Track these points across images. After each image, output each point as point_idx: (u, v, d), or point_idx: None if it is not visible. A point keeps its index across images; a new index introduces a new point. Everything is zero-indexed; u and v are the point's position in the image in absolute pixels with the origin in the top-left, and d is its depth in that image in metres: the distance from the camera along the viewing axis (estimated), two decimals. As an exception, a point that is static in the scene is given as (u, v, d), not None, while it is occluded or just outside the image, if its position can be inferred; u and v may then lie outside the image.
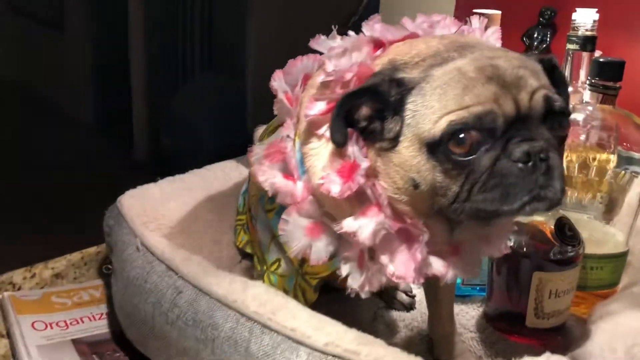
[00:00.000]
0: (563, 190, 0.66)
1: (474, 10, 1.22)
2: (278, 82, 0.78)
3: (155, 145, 1.68)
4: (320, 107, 0.70)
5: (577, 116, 1.09)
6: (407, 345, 1.00)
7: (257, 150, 0.80)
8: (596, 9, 1.20)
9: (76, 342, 0.97)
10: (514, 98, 0.64)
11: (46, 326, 1.00)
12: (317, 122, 0.73)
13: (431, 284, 0.98)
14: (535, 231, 1.00)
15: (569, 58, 1.22)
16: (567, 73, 1.23)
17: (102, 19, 1.39)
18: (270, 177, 0.74)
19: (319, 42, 0.76)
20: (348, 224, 0.69)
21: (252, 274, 0.94)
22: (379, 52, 0.75)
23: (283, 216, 0.74)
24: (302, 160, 0.75)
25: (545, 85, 0.67)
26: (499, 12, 1.21)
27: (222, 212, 1.13)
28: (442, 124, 0.64)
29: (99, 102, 1.52)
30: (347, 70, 0.69)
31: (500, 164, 0.64)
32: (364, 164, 0.68)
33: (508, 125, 0.64)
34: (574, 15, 1.20)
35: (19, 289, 1.12)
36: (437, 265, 0.73)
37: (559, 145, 0.68)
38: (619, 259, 1.10)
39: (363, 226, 0.69)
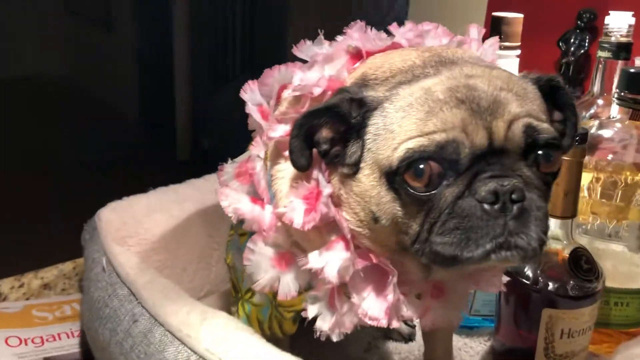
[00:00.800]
0: (541, 238, 0.55)
1: (493, 14, 1.11)
2: (250, 94, 0.70)
3: (197, 145, 1.71)
4: (284, 128, 0.63)
5: (605, 133, 0.98)
6: (400, 382, 0.91)
7: (228, 169, 0.72)
8: (632, 13, 1.07)
9: (48, 361, 0.93)
10: (487, 126, 0.54)
11: (20, 342, 0.96)
12: (285, 142, 0.64)
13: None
14: (548, 261, 0.90)
15: (600, 66, 1.09)
16: (598, 83, 1.11)
17: (148, 20, 1.39)
18: (233, 202, 0.66)
19: (302, 49, 0.68)
20: (313, 259, 0.61)
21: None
22: (358, 64, 0.66)
23: (248, 244, 0.66)
24: (271, 183, 0.67)
25: (532, 112, 0.56)
26: (521, 15, 1.10)
27: (213, 226, 1.06)
28: (400, 152, 0.54)
29: (143, 101, 1.57)
30: (314, 84, 0.61)
31: (463, 202, 0.54)
32: (326, 190, 0.60)
33: (477, 157, 0.54)
34: (607, 19, 1.08)
35: (5, 299, 1.09)
36: (414, 308, 0.64)
37: (546, 183, 0.58)
38: (647, 295, 0.98)
39: (330, 262, 0.60)
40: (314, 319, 0.64)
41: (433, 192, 0.54)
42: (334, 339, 0.64)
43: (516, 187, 0.53)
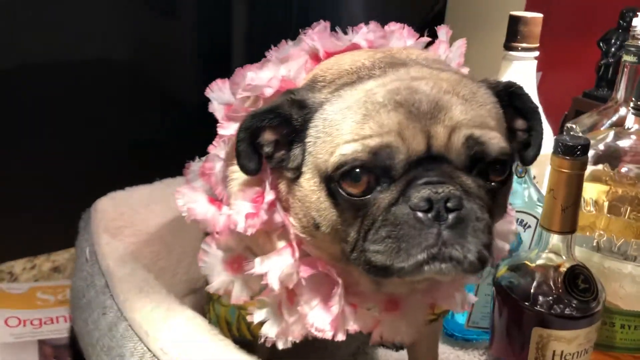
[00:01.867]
0: (480, 252, 0.51)
1: (511, 13, 1.06)
2: (217, 92, 0.69)
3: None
4: (235, 127, 0.61)
5: (621, 143, 0.92)
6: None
7: (194, 167, 0.72)
8: (663, 14, 1.00)
9: (43, 343, 0.96)
10: (426, 131, 0.51)
11: (19, 322, 0.99)
12: None
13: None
14: (543, 276, 0.85)
15: (626, 71, 1.02)
16: (622, 90, 1.03)
17: (210, 7, 1.42)
18: (189, 202, 0.65)
19: (280, 50, 0.66)
20: (257, 264, 0.60)
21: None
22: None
23: (202, 245, 0.66)
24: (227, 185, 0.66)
25: (477, 118, 0.53)
26: (540, 15, 1.04)
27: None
28: (335, 157, 0.52)
29: (203, 87, 1.60)
30: (265, 85, 0.60)
31: (396, 209, 0.51)
32: (268, 196, 0.58)
33: (413, 163, 0.51)
34: (635, 21, 1.01)
35: (15, 279, 1.13)
36: (363, 321, 0.62)
37: (492, 191, 0.55)
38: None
39: (273, 268, 0.59)
40: None
41: (367, 197, 0.52)
42: (280, 346, 0.63)
43: (452, 195, 0.50)
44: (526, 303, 0.83)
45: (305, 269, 0.59)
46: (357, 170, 0.52)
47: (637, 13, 1.42)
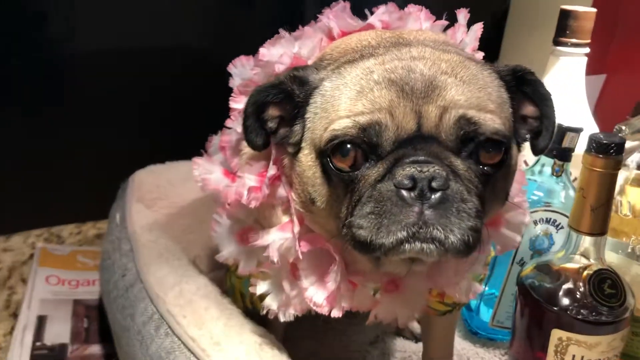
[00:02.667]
0: (465, 234, 0.50)
1: (562, 7, 1.02)
2: (239, 68, 0.70)
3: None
4: (240, 105, 0.63)
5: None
6: (395, 380, 0.89)
7: (215, 140, 0.74)
8: None
9: (77, 303, 1.01)
10: (417, 110, 0.51)
11: (59, 281, 1.05)
12: None
13: (425, 318, 0.85)
14: (569, 278, 0.82)
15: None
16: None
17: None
18: (204, 172, 0.67)
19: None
20: (261, 237, 0.61)
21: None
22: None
23: (214, 216, 0.67)
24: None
25: (474, 100, 0.52)
26: (593, 9, 1.00)
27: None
28: (327, 133, 0.53)
29: None
30: (276, 61, 0.61)
31: (382, 186, 0.51)
32: (270, 171, 0.59)
33: (403, 141, 0.51)
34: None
35: (62, 243, 1.20)
36: (361, 300, 0.62)
37: (485, 176, 0.53)
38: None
39: (273, 241, 0.60)
40: None
41: (356, 173, 0.52)
42: (281, 318, 0.64)
43: (437, 175, 0.50)
44: (547, 303, 0.80)
45: (305, 245, 0.59)
46: (347, 145, 0.52)
47: None
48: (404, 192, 0.50)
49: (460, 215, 0.50)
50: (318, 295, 0.60)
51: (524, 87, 0.57)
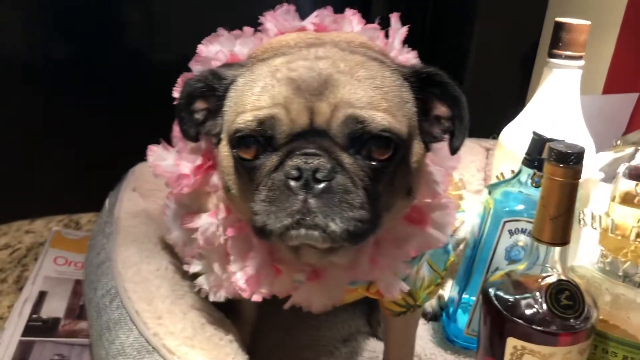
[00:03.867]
0: (348, 223, 0.53)
1: (556, 19, 1.02)
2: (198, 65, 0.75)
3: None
4: None
5: (637, 161, 0.85)
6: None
7: (175, 132, 0.79)
8: None
9: (78, 282, 1.09)
10: (310, 106, 0.54)
11: (65, 262, 1.13)
12: None
13: (385, 319, 0.87)
14: (529, 286, 0.81)
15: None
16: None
17: None
18: (157, 159, 0.72)
19: None
20: (191, 221, 0.66)
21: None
22: None
23: (165, 200, 0.73)
24: None
25: (366, 99, 0.55)
26: (587, 22, 0.99)
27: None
28: (234, 124, 0.57)
29: None
30: (212, 57, 0.65)
31: (275, 175, 0.55)
32: (197, 161, 0.64)
33: (297, 135, 0.55)
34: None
35: (79, 229, 1.29)
36: (280, 286, 0.65)
37: (376, 172, 0.56)
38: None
39: (201, 226, 0.65)
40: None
41: (256, 162, 0.56)
42: (211, 298, 0.68)
43: (322, 167, 0.53)
44: (506, 312, 0.80)
45: (231, 230, 0.64)
46: (249, 137, 0.56)
47: None
48: (291, 182, 0.54)
49: (342, 206, 0.53)
50: (240, 279, 0.64)
51: (433, 88, 0.59)
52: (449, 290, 1.11)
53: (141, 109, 1.36)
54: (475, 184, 1.28)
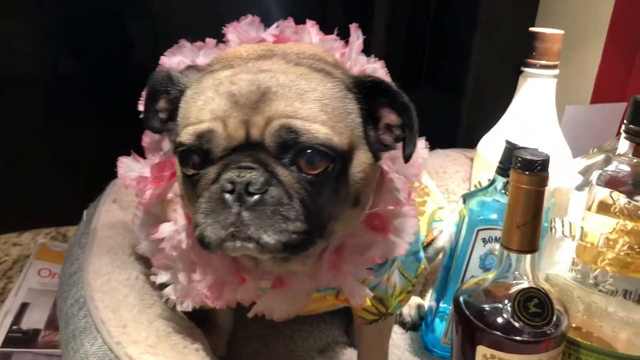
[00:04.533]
0: (281, 235, 0.54)
1: (531, 29, 1.03)
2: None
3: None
4: None
5: (610, 168, 0.85)
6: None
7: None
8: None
9: (60, 294, 1.10)
10: (246, 120, 0.55)
11: (50, 274, 1.14)
12: None
13: (358, 327, 0.87)
14: (498, 294, 0.81)
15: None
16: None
17: None
18: (127, 170, 0.73)
19: None
20: (159, 231, 0.67)
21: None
22: None
23: (135, 210, 0.74)
24: None
25: (301, 112, 0.55)
26: (560, 31, 0.99)
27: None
28: (178, 137, 0.58)
29: None
30: (174, 67, 0.67)
31: (213, 188, 0.55)
32: (156, 159, 0.65)
33: (234, 148, 0.56)
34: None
35: (66, 241, 1.30)
36: (244, 294, 0.66)
37: (314, 185, 0.56)
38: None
39: (167, 234, 0.66)
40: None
41: (197, 175, 0.57)
42: (178, 308, 0.69)
43: (254, 180, 0.54)
44: (476, 320, 0.80)
45: (190, 239, 0.64)
46: (189, 150, 0.57)
47: None
48: (226, 195, 0.55)
49: (276, 218, 0.54)
50: (205, 286, 0.65)
51: (381, 97, 0.60)
52: (429, 299, 1.11)
53: (130, 124, 1.37)
54: (460, 194, 1.29)
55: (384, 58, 0.73)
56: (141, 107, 0.70)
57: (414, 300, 1.09)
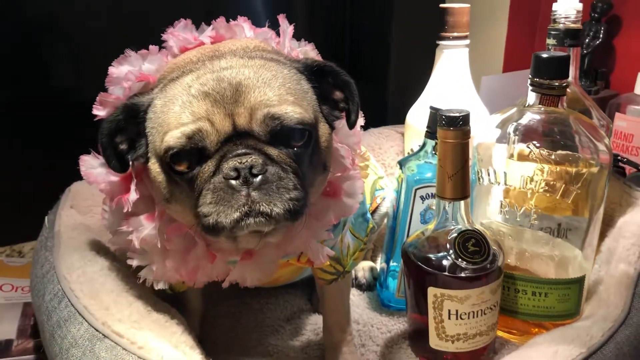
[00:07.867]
0: (288, 204, 0.62)
1: (440, 5, 1.13)
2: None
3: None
4: (102, 113, 0.73)
5: (523, 121, 0.96)
6: (302, 349, 0.98)
7: None
8: (579, -1, 1.04)
9: (27, 305, 1.12)
10: (230, 113, 0.62)
11: (12, 288, 1.16)
12: None
13: (320, 289, 0.95)
14: (441, 239, 0.91)
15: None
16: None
17: None
18: (88, 168, 0.76)
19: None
20: (131, 224, 0.72)
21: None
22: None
23: (103, 205, 0.78)
24: None
25: (274, 97, 0.63)
26: (467, 5, 1.11)
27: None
28: (163, 144, 0.64)
29: None
30: (123, 77, 0.72)
31: (214, 179, 0.62)
32: (132, 186, 0.71)
33: (225, 141, 0.62)
34: (554, 6, 1.05)
35: (23, 257, 1.32)
36: (218, 270, 0.73)
37: (299, 157, 0.64)
38: (570, 287, 0.94)
39: (136, 228, 0.71)
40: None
41: (193, 172, 0.64)
42: (156, 287, 0.75)
43: (255, 163, 0.61)
44: (424, 266, 0.90)
45: (171, 230, 0.71)
46: (181, 152, 0.63)
47: (611, 3, 1.44)
48: (232, 181, 0.61)
49: (280, 191, 0.62)
50: (182, 272, 0.72)
51: (326, 78, 0.69)
52: (379, 262, 1.20)
53: (74, 143, 1.40)
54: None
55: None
56: (95, 111, 0.73)
57: (367, 263, 1.18)
